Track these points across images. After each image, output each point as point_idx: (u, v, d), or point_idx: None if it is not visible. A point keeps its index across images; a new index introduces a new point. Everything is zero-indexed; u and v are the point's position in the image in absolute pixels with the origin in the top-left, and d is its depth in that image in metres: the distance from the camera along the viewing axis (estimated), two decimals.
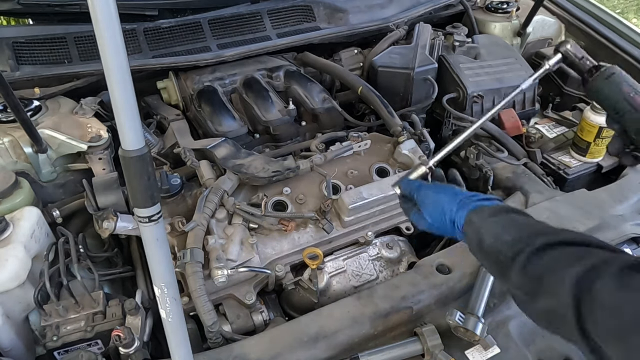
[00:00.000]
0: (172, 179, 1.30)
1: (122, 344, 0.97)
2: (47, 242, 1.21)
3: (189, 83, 1.64)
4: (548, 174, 1.52)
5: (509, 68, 1.74)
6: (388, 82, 1.70)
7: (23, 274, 1.08)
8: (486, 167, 1.49)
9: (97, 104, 1.47)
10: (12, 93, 1.14)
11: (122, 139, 0.65)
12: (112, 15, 0.58)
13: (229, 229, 1.22)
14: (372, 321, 1.08)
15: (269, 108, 1.54)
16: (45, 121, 1.38)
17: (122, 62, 0.61)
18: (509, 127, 1.63)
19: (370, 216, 1.30)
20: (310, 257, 1.17)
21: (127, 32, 1.62)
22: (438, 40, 1.82)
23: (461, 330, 1.05)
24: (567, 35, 2.10)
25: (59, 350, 1.06)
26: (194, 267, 1.10)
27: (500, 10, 2.05)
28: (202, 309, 1.07)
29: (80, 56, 1.56)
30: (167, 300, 0.77)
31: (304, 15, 1.84)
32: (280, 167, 1.32)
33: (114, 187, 1.24)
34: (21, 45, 1.52)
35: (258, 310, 1.19)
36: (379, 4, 1.93)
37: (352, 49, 1.86)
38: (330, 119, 1.60)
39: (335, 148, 1.41)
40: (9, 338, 1.06)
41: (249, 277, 1.20)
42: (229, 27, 1.74)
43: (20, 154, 1.33)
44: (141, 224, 0.70)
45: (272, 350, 1.02)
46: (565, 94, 1.88)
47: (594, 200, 1.35)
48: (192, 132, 1.54)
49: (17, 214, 1.17)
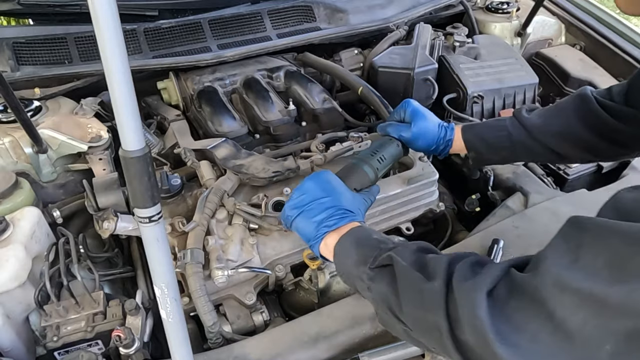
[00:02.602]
0: (172, 179, 1.30)
1: (122, 344, 0.97)
2: (47, 242, 1.20)
3: (189, 83, 1.64)
4: (548, 174, 1.52)
5: (509, 68, 1.74)
6: (388, 82, 1.69)
7: (23, 274, 1.08)
8: (486, 167, 1.49)
9: (97, 104, 1.47)
10: (12, 93, 1.14)
11: (122, 139, 0.66)
12: (112, 15, 0.58)
13: (229, 229, 1.22)
14: (372, 321, 1.07)
15: (269, 108, 1.54)
16: (45, 121, 1.38)
17: (122, 62, 0.61)
18: None
19: (370, 216, 1.30)
20: (310, 257, 1.17)
21: (127, 32, 1.62)
22: (438, 40, 1.82)
23: None
24: (567, 36, 2.10)
25: (59, 350, 1.06)
26: (194, 267, 1.10)
27: (500, 10, 2.05)
28: (202, 309, 1.07)
29: (80, 56, 1.56)
30: (167, 300, 0.77)
31: (304, 15, 1.84)
32: (280, 167, 1.31)
33: (114, 187, 1.24)
34: (21, 45, 1.52)
35: (258, 310, 1.18)
36: (379, 4, 1.93)
37: (352, 49, 1.86)
38: (330, 119, 1.60)
39: (335, 148, 1.40)
40: (9, 338, 1.06)
41: (249, 277, 1.20)
42: (229, 27, 1.74)
43: (20, 154, 1.33)
44: (141, 224, 0.70)
45: (272, 350, 1.02)
46: (565, 94, 1.88)
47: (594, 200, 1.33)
48: (192, 132, 1.54)
49: (17, 214, 1.17)
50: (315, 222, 0.95)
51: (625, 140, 1.05)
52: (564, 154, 1.14)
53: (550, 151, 1.13)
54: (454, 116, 1.65)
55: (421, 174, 1.38)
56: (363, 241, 0.90)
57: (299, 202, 0.99)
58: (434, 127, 1.22)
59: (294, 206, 0.99)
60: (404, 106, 1.23)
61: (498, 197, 1.45)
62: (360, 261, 0.86)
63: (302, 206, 0.98)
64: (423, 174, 1.38)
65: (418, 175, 1.37)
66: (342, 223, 0.95)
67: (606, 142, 1.07)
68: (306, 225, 0.97)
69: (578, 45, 2.04)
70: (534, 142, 1.13)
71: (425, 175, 1.37)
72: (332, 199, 0.97)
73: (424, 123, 1.21)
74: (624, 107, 1.02)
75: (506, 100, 1.70)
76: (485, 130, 1.20)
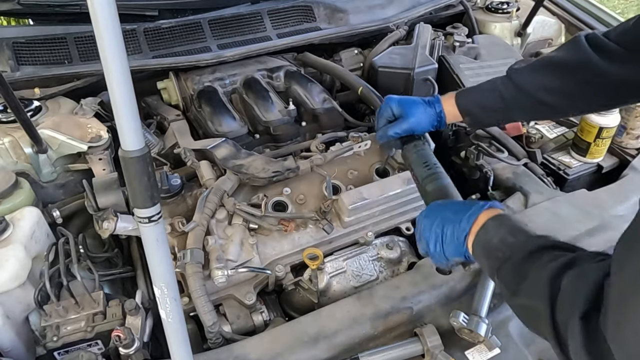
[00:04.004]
0: (172, 179, 1.30)
1: (122, 344, 0.97)
2: (47, 242, 1.20)
3: (189, 83, 1.64)
4: (548, 174, 1.52)
5: None
6: (388, 82, 1.69)
7: (23, 274, 1.08)
8: (486, 167, 1.49)
9: (97, 104, 1.47)
10: (12, 93, 1.14)
11: (122, 139, 0.65)
12: (112, 15, 0.58)
13: (228, 229, 1.22)
14: (372, 321, 1.08)
15: (269, 108, 1.54)
16: (45, 121, 1.38)
17: (122, 62, 0.61)
18: (509, 127, 1.63)
19: (370, 216, 1.30)
20: (310, 257, 1.17)
21: (127, 32, 1.62)
22: (438, 40, 1.82)
23: (465, 331, 1.05)
24: (567, 35, 2.10)
25: (59, 350, 1.06)
26: (194, 267, 1.10)
27: (500, 10, 2.05)
28: (202, 309, 1.07)
29: (80, 56, 1.56)
30: (167, 300, 0.77)
31: (304, 15, 1.84)
32: (280, 167, 1.32)
33: (114, 187, 1.24)
34: (21, 45, 1.52)
35: (258, 310, 1.19)
36: (379, 4, 1.93)
37: (352, 49, 1.86)
38: (330, 119, 1.60)
39: (335, 148, 1.41)
40: (9, 338, 1.06)
41: (248, 277, 1.20)
42: (229, 27, 1.74)
43: (20, 154, 1.33)
44: (141, 224, 0.70)
45: (272, 350, 1.02)
46: None
47: (594, 200, 1.35)
48: (192, 132, 1.54)
49: (17, 214, 1.17)
50: (455, 236, 0.92)
51: (616, 86, 1.02)
52: (557, 106, 1.11)
53: (541, 104, 1.10)
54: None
55: None
56: (487, 249, 0.87)
57: (434, 239, 0.96)
58: (424, 107, 1.20)
59: (434, 245, 0.96)
60: (389, 103, 1.22)
61: (498, 197, 1.45)
62: (492, 273, 0.85)
63: (439, 235, 0.95)
64: None
65: None
66: (472, 220, 0.91)
67: (596, 88, 1.04)
68: (451, 244, 0.94)
69: None
70: (525, 98, 1.11)
71: None
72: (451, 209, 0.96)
73: (414, 110, 1.20)
74: (619, 48, 0.99)
75: None
76: (478, 94, 1.19)
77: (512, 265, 0.80)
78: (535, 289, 0.73)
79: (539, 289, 0.71)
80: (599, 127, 1.47)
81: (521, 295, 0.76)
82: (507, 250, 0.82)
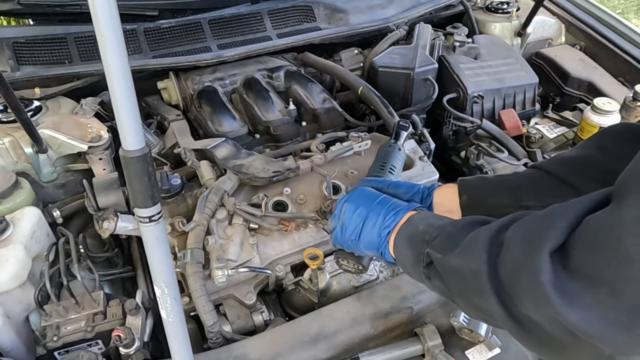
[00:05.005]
0: (172, 179, 1.30)
1: (122, 344, 0.97)
2: (47, 242, 1.20)
3: (189, 83, 1.64)
4: None
5: (509, 68, 1.74)
6: (388, 82, 1.70)
7: (23, 274, 1.08)
8: (486, 167, 1.49)
9: (97, 104, 1.47)
10: (12, 93, 1.14)
11: (122, 139, 0.65)
12: (112, 15, 0.58)
13: (229, 229, 1.22)
14: (372, 321, 1.08)
15: (269, 108, 1.54)
16: (45, 121, 1.38)
17: (122, 62, 0.61)
18: (509, 127, 1.63)
19: None
20: (310, 257, 1.17)
21: (127, 32, 1.62)
22: (438, 40, 1.82)
23: (465, 331, 1.05)
24: (567, 35, 2.10)
25: (59, 350, 1.06)
26: (194, 267, 1.10)
27: (500, 10, 2.05)
28: (202, 309, 1.07)
29: (80, 56, 1.56)
30: (167, 300, 0.76)
31: (304, 15, 1.84)
32: (280, 167, 1.32)
33: (114, 187, 1.24)
34: (21, 45, 1.52)
35: (258, 310, 1.18)
36: (379, 4, 1.93)
37: (352, 49, 1.86)
38: (330, 119, 1.60)
39: (335, 148, 1.41)
40: (9, 338, 1.06)
41: (249, 277, 1.20)
42: (229, 27, 1.74)
43: (20, 154, 1.33)
44: (141, 224, 0.70)
45: (272, 350, 1.02)
46: (565, 94, 1.88)
47: None
48: (192, 132, 1.54)
49: (17, 214, 1.17)
50: (375, 229, 0.90)
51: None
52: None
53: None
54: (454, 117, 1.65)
55: (421, 173, 1.38)
56: (413, 237, 0.83)
57: (353, 224, 0.93)
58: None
59: (351, 231, 0.94)
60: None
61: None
62: (415, 262, 0.81)
63: (358, 224, 0.93)
64: (423, 174, 1.38)
65: (418, 175, 1.37)
66: (399, 217, 0.89)
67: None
68: (369, 236, 0.92)
69: (578, 45, 2.04)
70: None
71: (425, 175, 1.38)
72: (379, 201, 0.94)
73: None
74: None
75: (506, 100, 1.70)
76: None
77: (441, 240, 0.75)
78: (471, 250, 0.67)
79: (475, 249, 0.66)
80: (599, 127, 1.47)
81: (452, 261, 0.71)
82: (435, 230, 0.78)
